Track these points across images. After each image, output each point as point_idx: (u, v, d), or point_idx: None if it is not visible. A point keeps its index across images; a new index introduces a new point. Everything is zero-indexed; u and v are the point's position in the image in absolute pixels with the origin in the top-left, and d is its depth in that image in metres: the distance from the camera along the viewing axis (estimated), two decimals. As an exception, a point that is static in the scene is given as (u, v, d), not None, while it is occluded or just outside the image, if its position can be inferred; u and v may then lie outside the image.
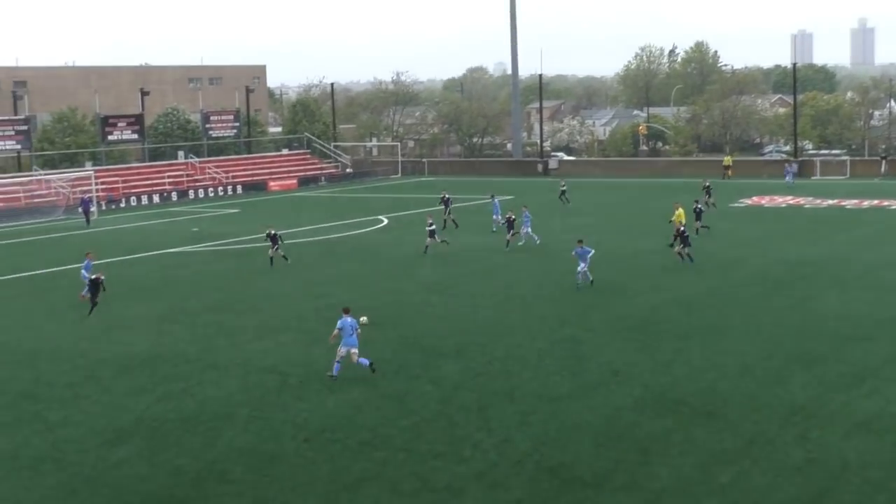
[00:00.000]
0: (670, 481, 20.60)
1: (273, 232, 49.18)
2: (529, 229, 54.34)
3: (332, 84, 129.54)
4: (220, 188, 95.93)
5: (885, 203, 72.33)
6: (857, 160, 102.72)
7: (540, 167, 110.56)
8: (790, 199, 76.24)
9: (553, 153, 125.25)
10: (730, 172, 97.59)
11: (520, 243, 53.59)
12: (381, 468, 21.76)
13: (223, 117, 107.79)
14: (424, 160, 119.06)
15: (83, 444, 23.99)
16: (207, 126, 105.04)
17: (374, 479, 21.17)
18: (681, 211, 54.15)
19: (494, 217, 60.52)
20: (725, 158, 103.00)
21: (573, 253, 41.89)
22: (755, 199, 77.52)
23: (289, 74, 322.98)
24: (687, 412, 25.06)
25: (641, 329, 34.05)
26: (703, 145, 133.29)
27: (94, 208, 77.38)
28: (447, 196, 64.51)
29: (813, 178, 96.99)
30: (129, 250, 57.14)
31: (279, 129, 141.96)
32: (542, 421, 24.64)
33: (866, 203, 72.90)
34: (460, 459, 22.14)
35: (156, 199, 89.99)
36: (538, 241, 53.92)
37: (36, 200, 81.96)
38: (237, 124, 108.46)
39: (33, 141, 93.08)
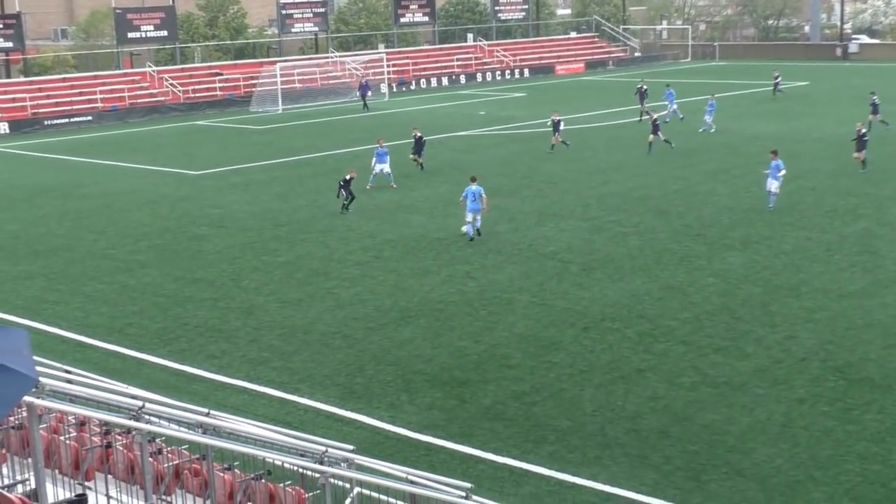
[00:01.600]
0: (967, 388, 19.61)
1: (557, 118, 49.06)
2: (710, 118, 54.35)
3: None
4: (507, 71, 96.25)
5: None
6: None
7: (839, 51, 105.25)
8: None
9: (854, 36, 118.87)
10: None
11: (700, 130, 53.82)
12: (659, 360, 21.64)
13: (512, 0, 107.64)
14: (716, 44, 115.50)
15: (371, 322, 24.96)
16: (496, 8, 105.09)
17: (652, 370, 21.10)
18: None
19: (669, 105, 58.38)
20: None
21: (765, 171, 36.06)
22: None
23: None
24: None
25: (943, 225, 32.24)
26: None
27: (383, 90, 79.20)
28: (644, 87, 62.11)
29: None
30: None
31: (567, 11, 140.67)
32: (830, 318, 23.83)
33: None
34: (742, 355, 21.74)
35: (444, 81, 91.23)
36: (713, 131, 53.40)
37: (331, 82, 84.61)
38: (526, 6, 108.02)
39: (329, 23, 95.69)
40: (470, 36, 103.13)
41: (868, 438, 17.63)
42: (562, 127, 49.54)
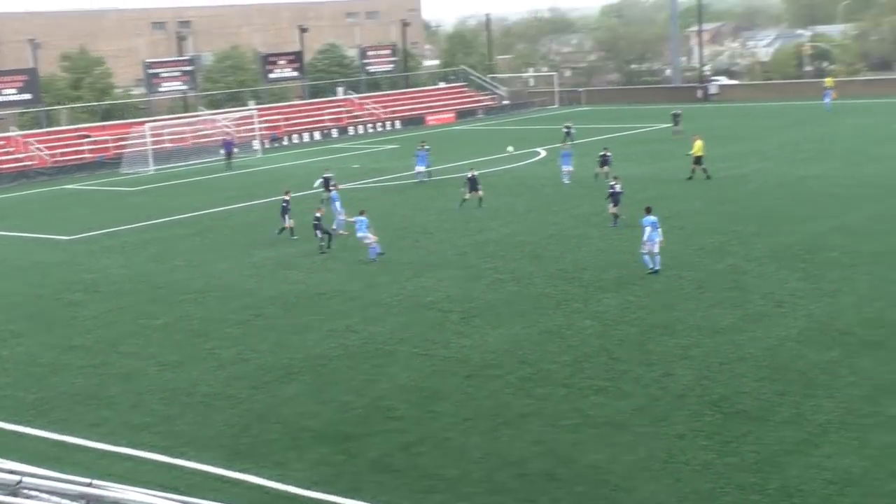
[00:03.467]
0: (836, 413, 20.34)
1: (327, 175, 49.67)
2: (423, 167, 54.98)
3: (487, 15, 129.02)
4: (379, 124, 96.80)
5: None
6: None
7: (700, 93, 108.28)
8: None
9: (713, 77, 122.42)
10: (834, 95, 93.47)
11: (415, 180, 55.50)
12: (542, 404, 21.98)
13: (380, 52, 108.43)
14: (581, 89, 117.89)
15: (254, 380, 24.85)
16: (365, 61, 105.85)
17: (535, 414, 21.42)
18: (700, 143, 51.40)
19: (419, 168, 56.84)
20: (827, 80, 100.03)
21: (642, 223, 33.42)
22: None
23: (444, 6, 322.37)
24: (853, 342, 24.60)
25: (806, 258, 33.36)
26: (872, 63, 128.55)
27: (255, 146, 78.89)
28: (425, 146, 59.29)
29: None
30: (292, 188, 58.26)
31: (435, 62, 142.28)
32: (704, 354, 24.49)
33: None
34: (621, 394, 22.20)
35: (317, 136, 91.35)
36: (427, 180, 55.29)
37: (202, 140, 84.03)
38: (394, 59, 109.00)
39: (198, 81, 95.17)
40: (340, 90, 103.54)
41: (746, 469, 18.15)
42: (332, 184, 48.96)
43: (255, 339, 28.31)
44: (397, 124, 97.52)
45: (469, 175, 47.82)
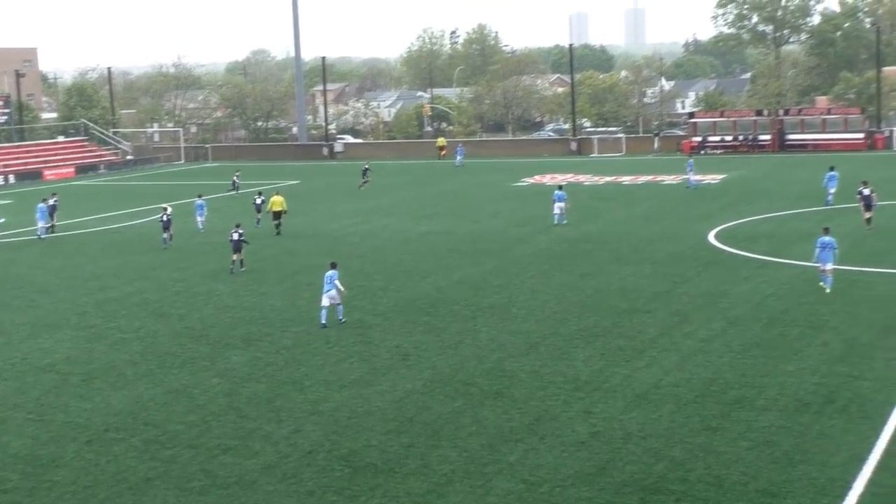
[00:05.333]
0: (460, 462, 20.81)
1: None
2: (44, 223, 54.18)
3: (108, 68, 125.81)
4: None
5: (659, 178, 75.21)
6: (632, 137, 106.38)
7: (326, 150, 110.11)
8: (570, 177, 78.20)
9: (339, 136, 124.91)
10: (443, 153, 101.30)
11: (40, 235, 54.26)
12: (168, 466, 21.22)
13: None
14: (208, 146, 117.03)
15: None
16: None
17: (160, 477, 20.63)
18: (279, 199, 53.14)
19: (40, 221, 54.88)
20: (439, 140, 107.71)
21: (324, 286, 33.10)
22: (536, 178, 79.21)
23: (63, 59, 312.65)
24: (476, 392, 25.36)
25: (429, 311, 34.28)
26: (487, 125, 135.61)
27: None
28: (53, 201, 57.23)
29: (591, 155, 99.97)
30: None
31: (54, 114, 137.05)
32: (333, 409, 24.51)
33: (641, 179, 75.61)
34: (250, 453, 21.81)
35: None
36: (45, 237, 54.26)
37: None
38: (7, 110, 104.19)
39: None
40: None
41: (375, 522, 18.21)
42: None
43: None
44: (11, 179, 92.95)
45: (163, 217, 49.44)
